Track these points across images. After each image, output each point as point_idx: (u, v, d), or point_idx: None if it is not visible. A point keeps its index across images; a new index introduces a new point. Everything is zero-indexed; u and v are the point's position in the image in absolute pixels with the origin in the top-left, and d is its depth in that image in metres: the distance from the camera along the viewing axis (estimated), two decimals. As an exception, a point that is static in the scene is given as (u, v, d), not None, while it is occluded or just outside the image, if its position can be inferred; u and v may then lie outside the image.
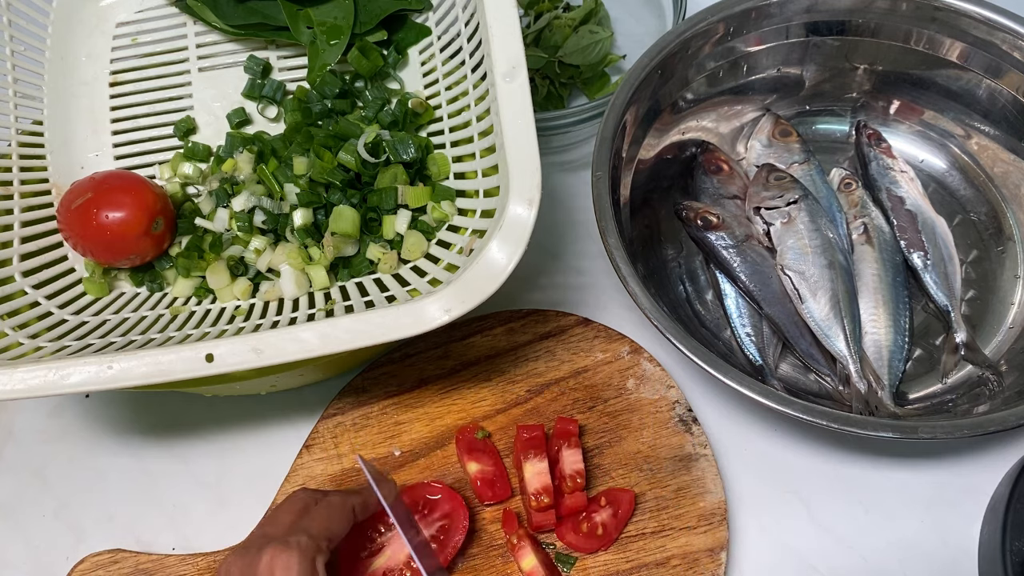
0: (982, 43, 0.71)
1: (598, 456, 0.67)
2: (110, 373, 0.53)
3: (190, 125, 0.75)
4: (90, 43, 0.76)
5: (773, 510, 0.67)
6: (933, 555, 0.65)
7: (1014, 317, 0.71)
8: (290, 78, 0.76)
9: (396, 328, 0.53)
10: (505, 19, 0.57)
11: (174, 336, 0.62)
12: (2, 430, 0.74)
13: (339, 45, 0.72)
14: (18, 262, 0.67)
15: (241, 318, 0.65)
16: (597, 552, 0.63)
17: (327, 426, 0.69)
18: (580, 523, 0.63)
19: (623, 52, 0.86)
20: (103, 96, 0.76)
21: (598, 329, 0.71)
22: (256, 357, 0.53)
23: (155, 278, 0.69)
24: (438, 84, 0.72)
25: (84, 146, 0.74)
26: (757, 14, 0.73)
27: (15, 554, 0.69)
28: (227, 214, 0.69)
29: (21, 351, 0.60)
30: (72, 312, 0.66)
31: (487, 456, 0.66)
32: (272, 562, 0.50)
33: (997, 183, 0.75)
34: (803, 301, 0.68)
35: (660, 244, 0.76)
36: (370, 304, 0.62)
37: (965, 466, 0.67)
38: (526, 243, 0.53)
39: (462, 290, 0.53)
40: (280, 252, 0.67)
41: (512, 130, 0.55)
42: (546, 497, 0.62)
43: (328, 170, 0.66)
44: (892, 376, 0.67)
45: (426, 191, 0.67)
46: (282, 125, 0.75)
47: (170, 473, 0.72)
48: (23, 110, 0.72)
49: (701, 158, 0.77)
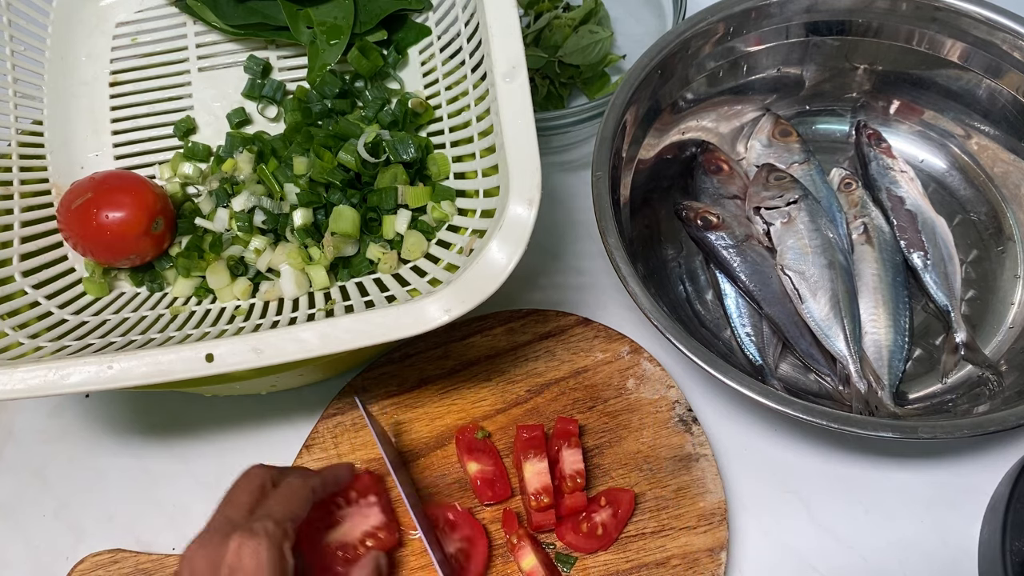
0: (982, 43, 0.71)
1: (598, 456, 0.67)
2: (110, 373, 0.53)
3: (190, 125, 0.75)
4: (90, 43, 0.77)
5: (773, 510, 0.67)
6: (933, 555, 0.65)
7: (1014, 317, 0.71)
8: (290, 78, 0.76)
9: (396, 328, 0.53)
10: (505, 19, 0.57)
11: (174, 336, 0.62)
12: (2, 430, 0.74)
13: (339, 45, 0.72)
14: (18, 262, 0.67)
15: (241, 318, 0.65)
16: (597, 552, 0.63)
17: (327, 426, 0.69)
18: (580, 523, 0.63)
19: (623, 52, 0.86)
20: (103, 96, 0.76)
21: (598, 329, 0.71)
22: (256, 357, 0.53)
23: (155, 278, 0.69)
24: (438, 84, 0.72)
25: (84, 146, 0.74)
26: (757, 14, 0.73)
27: (15, 554, 0.69)
28: (227, 214, 0.69)
29: (21, 351, 0.60)
30: (72, 312, 0.66)
31: (487, 456, 0.66)
32: (240, 550, 0.49)
33: (997, 183, 0.75)
34: (803, 301, 0.68)
35: (660, 244, 0.76)
36: (370, 304, 0.62)
37: (965, 466, 0.67)
38: (526, 243, 0.53)
39: (462, 290, 0.53)
40: (280, 252, 0.67)
41: (512, 130, 0.55)
42: (546, 497, 0.62)
43: (328, 170, 0.66)
44: (892, 376, 0.67)
45: (426, 191, 0.67)
46: (282, 125, 0.75)
47: (170, 473, 0.72)
48: (23, 110, 0.72)
49: (701, 158, 0.77)
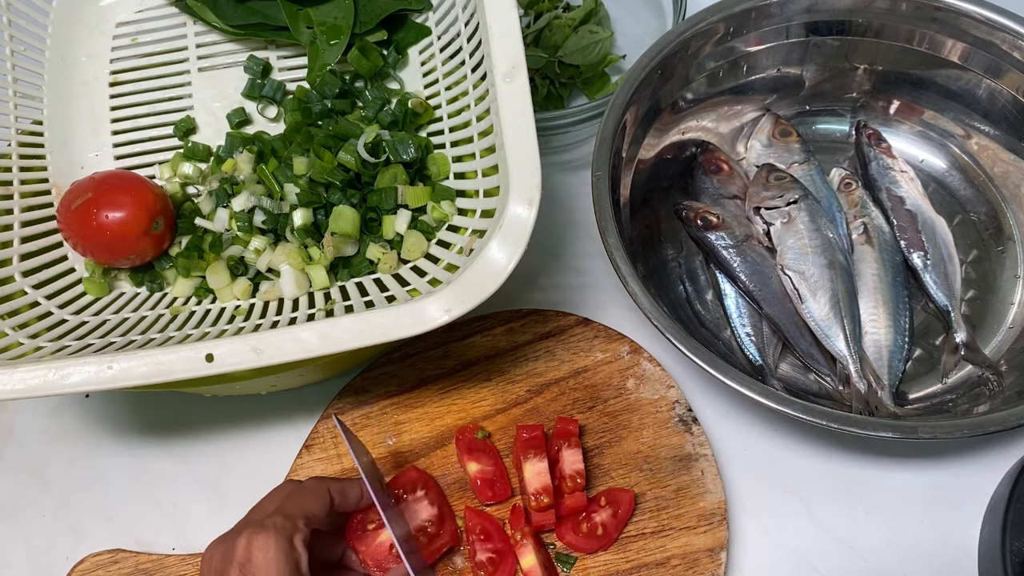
0: (982, 43, 0.71)
1: (598, 456, 0.67)
2: (110, 373, 0.53)
3: (190, 125, 0.75)
4: (90, 43, 0.76)
5: (773, 510, 0.67)
6: (933, 555, 0.65)
7: (1014, 317, 0.71)
8: (290, 78, 0.76)
9: (396, 328, 0.53)
10: (505, 19, 0.57)
11: (174, 336, 0.62)
12: (2, 430, 0.74)
13: (339, 45, 0.72)
14: (18, 262, 0.67)
15: (241, 318, 0.65)
16: (597, 552, 0.63)
17: (327, 426, 0.69)
18: (580, 523, 0.63)
19: (623, 52, 0.86)
20: (103, 96, 0.76)
21: (598, 329, 0.71)
22: (256, 357, 0.53)
23: (155, 278, 0.69)
24: (438, 84, 0.72)
25: (84, 146, 0.74)
26: (757, 14, 0.73)
27: (15, 554, 0.69)
28: (227, 214, 0.69)
29: (21, 351, 0.60)
30: (72, 312, 0.66)
31: (487, 456, 0.66)
32: (249, 544, 0.51)
33: (997, 183, 0.75)
34: (803, 301, 0.68)
35: (660, 244, 0.76)
36: (370, 304, 0.62)
37: (965, 466, 0.67)
38: (526, 243, 0.53)
39: (462, 290, 0.53)
40: (280, 252, 0.67)
41: (512, 130, 0.55)
42: (546, 497, 0.62)
43: (328, 170, 0.66)
44: (892, 376, 0.67)
45: (426, 191, 0.67)
46: (282, 125, 0.75)
47: (170, 473, 0.72)
48: (23, 110, 0.72)
49: (701, 158, 0.77)
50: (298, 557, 0.51)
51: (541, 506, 0.63)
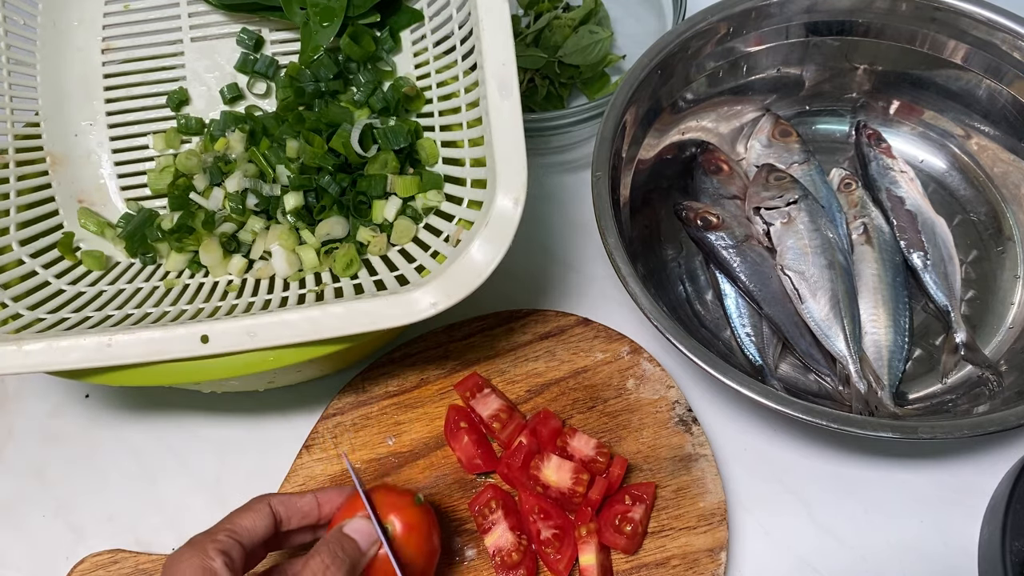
0: (982, 43, 0.71)
1: (598, 456, 0.67)
2: (109, 351, 0.57)
3: (183, 97, 0.75)
4: (82, 8, 0.76)
5: (773, 510, 0.67)
6: (933, 555, 0.65)
7: (1014, 317, 0.71)
8: (282, 51, 0.76)
9: (385, 318, 0.56)
10: (496, 17, 0.57)
11: (169, 311, 0.63)
12: (2, 430, 0.74)
13: (332, 27, 0.72)
14: (15, 231, 0.67)
15: (233, 294, 0.66)
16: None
17: (327, 426, 0.69)
18: (621, 524, 0.62)
19: (623, 52, 0.86)
20: (96, 63, 0.75)
21: (598, 329, 0.71)
22: (250, 340, 0.56)
23: (148, 250, 0.70)
24: (428, 66, 0.72)
25: (78, 114, 0.74)
26: (757, 14, 0.73)
27: (15, 554, 0.69)
28: (222, 193, 0.69)
29: (22, 322, 0.61)
30: (68, 282, 0.67)
31: (472, 432, 0.66)
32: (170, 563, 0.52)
33: (997, 183, 0.75)
34: (803, 301, 0.68)
35: (660, 244, 0.76)
36: (359, 288, 0.63)
37: (965, 466, 0.67)
38: (511, 240, 0.55)
39: (448, 283, 0.55)
40: (272, 233, 0.68)
41: (499, 122, 0.56)
42: (580, 487, 0.62)
43: (319, 155, 0.67)
44: (892, 376, 0.67)
45: (415, 181, 0.68)
46: (274, 101, 0.75)
47: (170, 473, 0.72)
48: (16, 76, 0.72)
49: (701, 158, 0.77)
50: (214, 567, 0.50)
51: (577, 497, 0.62)
